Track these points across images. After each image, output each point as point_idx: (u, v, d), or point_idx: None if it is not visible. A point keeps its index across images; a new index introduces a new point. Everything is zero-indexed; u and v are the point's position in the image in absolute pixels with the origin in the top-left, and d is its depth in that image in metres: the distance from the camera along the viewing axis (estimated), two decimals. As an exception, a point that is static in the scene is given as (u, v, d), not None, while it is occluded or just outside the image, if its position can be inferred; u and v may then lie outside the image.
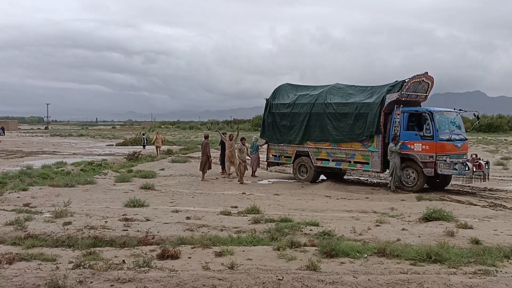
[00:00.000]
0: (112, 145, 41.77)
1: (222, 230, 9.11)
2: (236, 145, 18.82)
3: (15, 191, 13.44)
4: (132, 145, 38.06)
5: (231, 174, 19.10)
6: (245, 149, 17.77)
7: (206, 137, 19.66)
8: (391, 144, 15.15)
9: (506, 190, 15.47)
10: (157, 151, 29.85)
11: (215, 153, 20.82)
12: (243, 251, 7.36)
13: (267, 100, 19.25)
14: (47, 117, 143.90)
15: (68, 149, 35.71)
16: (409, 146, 15.10)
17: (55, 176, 17.00)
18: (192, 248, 7.52)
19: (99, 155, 29.57)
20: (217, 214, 10.71)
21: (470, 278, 5.90)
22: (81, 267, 6.05)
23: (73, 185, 14.80)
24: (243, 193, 14.37)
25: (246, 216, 10.56)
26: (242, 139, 18.35)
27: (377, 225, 9.60)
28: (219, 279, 5.70)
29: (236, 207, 11.75)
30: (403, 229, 9.18)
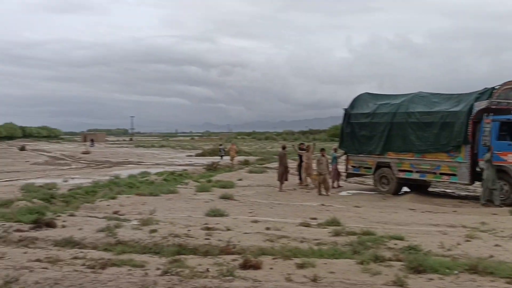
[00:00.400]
0: (192, 155, 43.03)
1: (302, 242, 9.00)
2: (312, 155, 18.69)
3: (105, 199, 14.18)
4: (210, 156, 38.97)
5: (308, 185, 18.96)
6: (325, 160, 17.22)
7: (284, 147, 19.71)
8: (487, 154, 14.26)
9: None
10: (232, 161, 30.39)
11: (292, 164, 20.78)
12: (325, 263, 7.21)
13: (345, 110, 18.97)
14: (132, 129, 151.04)
15: (151, 160, 37.24)
16: (501, 157, 14.21)
17: (140, 186, 17.77)
18: (273, 259, 7.47)
19: (179, 165, 30.56)
20: (297, 225, 10.61)
21: None
22: (169, 274, 6.22)
23: (157, 194, 15.36)
24: (322, 205, 14.21)
25: (326, 228, 10.38)
26: (322, 150, 18.05)
27: (467, 240, 9.08)
28: (303, 292, 5.62)
29: (315, 218, 11.61)
30: (496, 245, 8.62)
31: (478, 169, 14.83)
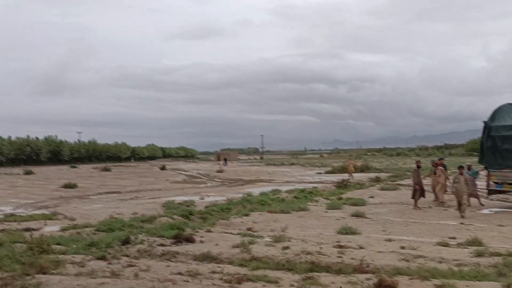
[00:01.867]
0: (321, 173, 43.01)
1: (440, 262, 8.57)
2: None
3: (238, 216, 14.78)
4: (340, 173, 38.58)
5: (444, 202, 17.89)
6: (462, 179, 15.36)
7: (416, 163, 18.93)
8: None
9: None
10: (350, 177, 30.02)
11: (427, 180, 19.79)
12: (467, 286, 6.80)
13: (485, 122, 17.71)
14: (262, 147, 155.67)
15: (281, 177, 37.95)
16: None
17: (272, 203, 18.20)
18: (409, 279, 7.21)
19: (309, 182, 30.74)
20: (434, 245, 10.15)
21: None
22: (303, 291, 6.28)
23: (288, 212, 15.62)
24: (461, 223, 13.36)
25: (466, 248, 9.79)
26: (460, 167, 16.38)
27: None
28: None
29: (454, 238, 10.99)
30: None
31: None
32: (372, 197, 20.60)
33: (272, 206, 17.19)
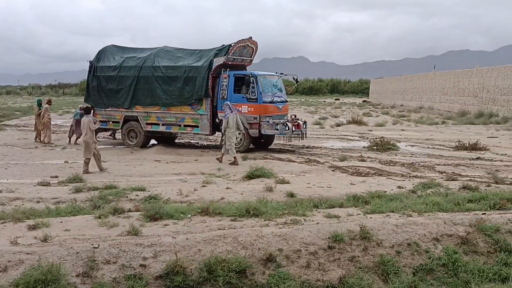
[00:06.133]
0: None
1: (38, 202, 8.58)
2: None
3: None
4: None
5: (52, 142, 17.90)
6: (87, 121, 12.41)
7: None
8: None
9: (321, 147, 17.02)
10: None
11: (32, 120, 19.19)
12: (61, 222, 6.97)
13: (91, 62, 18.18)
14: None
15: None
16: (237, 108, 15.61)
17: None
18: (1, 223, 6.87)
19: None
20: (34, 186, 10.01)
21: (280, 228, 6.36)
22: None
23: None
24: (65, 162, 13.53)
25: (67, 185, 10.02)
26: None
27: (204, 186, 9.86)
28: (27, 253, 5.27)
29: (56, 176, 11.10)
30: (227, 188, 9.56)
31: (217, 121, 16.01)
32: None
33: None
